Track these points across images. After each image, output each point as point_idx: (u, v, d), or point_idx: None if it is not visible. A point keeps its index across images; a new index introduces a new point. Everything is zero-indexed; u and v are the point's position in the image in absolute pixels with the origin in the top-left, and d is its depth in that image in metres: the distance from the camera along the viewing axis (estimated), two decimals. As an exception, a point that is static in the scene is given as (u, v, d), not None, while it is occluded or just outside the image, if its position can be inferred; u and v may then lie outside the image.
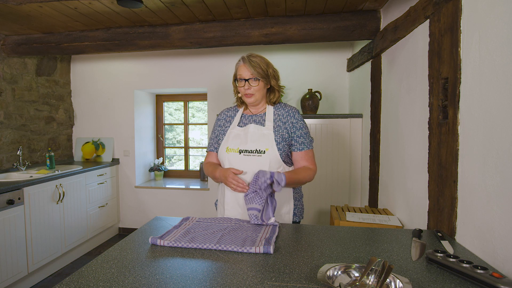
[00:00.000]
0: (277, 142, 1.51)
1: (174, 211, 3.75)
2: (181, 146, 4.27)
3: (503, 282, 0.86)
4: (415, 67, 1.78)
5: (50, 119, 3.62)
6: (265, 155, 1.49)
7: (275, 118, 1.56)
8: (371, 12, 2.42)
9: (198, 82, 3.66)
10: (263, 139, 1.52)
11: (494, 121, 1.09)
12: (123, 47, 2.86)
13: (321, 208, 2.97)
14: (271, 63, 1.59)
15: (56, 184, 2.84)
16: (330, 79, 3.41)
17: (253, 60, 1.52)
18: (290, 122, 1.55)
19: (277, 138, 1.52)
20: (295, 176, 1.48)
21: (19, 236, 2.46)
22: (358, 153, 2.89)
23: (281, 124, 1.54)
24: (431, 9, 1.53)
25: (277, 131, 1.53)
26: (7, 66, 3.10)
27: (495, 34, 1.10)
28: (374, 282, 0.90)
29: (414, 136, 1.77)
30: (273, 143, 1.50)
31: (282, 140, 1.52)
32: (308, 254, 1.13)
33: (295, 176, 1.47)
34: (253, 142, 1.52)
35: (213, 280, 0.94)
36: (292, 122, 1.54)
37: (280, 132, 1.53)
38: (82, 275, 0.98)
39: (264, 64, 1.54)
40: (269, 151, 1.49)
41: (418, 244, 1.05)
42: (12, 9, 2.40)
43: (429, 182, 1.55)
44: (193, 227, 1.39)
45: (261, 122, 1.58)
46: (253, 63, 1.51)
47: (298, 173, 1.50)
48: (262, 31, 2.57)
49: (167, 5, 2.35)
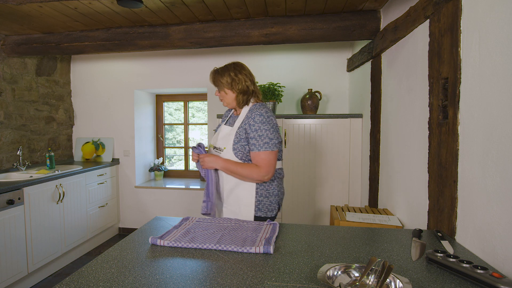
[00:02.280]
0: (234, 142, 1.66)
1: (174, 211, 3.75)
2: (181, 146, 4.27)
3: (503, 282, 0.86)
4: (415, 67, 1.78)
5: (50, 119, 3.62)
6: (223, 152, 1.68)
7: (244, 119, 1.68)
8: (371, 12, 2.42)
9: (198, 82, 3.66)
10: (226, 138, 1.70)
11: (494, 121, 1.09)
12: (123, 47, 2.86)
13: (321, 208, 2.97)
14: (229, 72, 1.70)
15: (56, 184, 2.84)
16: (330, 79, 3.41)
17: (211, 76, 1.75)
18: (248, 123, 1.64)
19: (235, 138, 1.66)
20: (233, 166, 1.63)
21: (19, 236, 2.46)
22: (358, 153, 2.89)
23: (243, 125, 1.66)
24: (431, 9, 1.53)
25: (238, 132, 1.66)
26: (7, 66, 3.10)
27: (495, 34, 1.10)
28: (374, 282, 0.90)
29: (414, 136, 1.77)
30: (231, 143, 1.66)
31: (239, 140, 1.65)
32: (308, 254, 1.13)
33: (232, 166, 1.63)
34: (220, 140, 1.74)
35: (213, 280, 0.94)
36: (249, 124, 1.64)
37: (239, 133, 1.66)
38: (82, 275, 0.98)
39: (219, 76, 1.71)
40: (226, 149, 1.68)
41: (418, 244, 1.05)
42: (12, 9, 2.40)
43: (429, 182, 1.55)
44: (193, 227, 1.39)
45: (233, 123, 1.76)
46: (212, 79, 1.75)
47: (238, 165, 1.63)
48: (262, 31, 2.57)
49: (167, 5, 2.35)
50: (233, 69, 1.71)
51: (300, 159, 2.97)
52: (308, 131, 2.96)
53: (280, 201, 1.75)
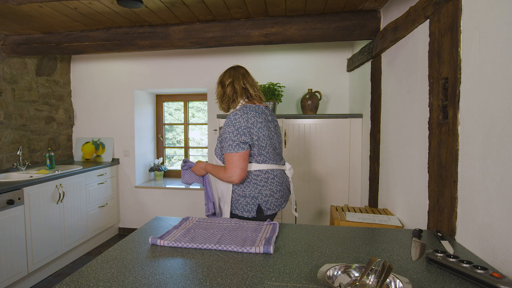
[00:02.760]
0: (216, 145, 1.80)
1: (174, 211, 3.75)
2: (181, 146, 4.27)
3: (503, 282, 0.86)
4: (415, 67, 1.78)
5: (50, 119, 3.62)
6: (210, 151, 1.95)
7: None
8: (371, 12, 2.42)
9: (198, 82, 3.66)
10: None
11: (494, 121, 1.09)
12: (123, 47, 2.86)
13: (321, 208, 2.97)
14: (223, 77, 1.85)
15: (56, 184, 2.84)
16: (330, 79, 3.41)
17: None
18: (223, 126, 1.73)
19: (217, 141, 1.80)
20: (210, 168, 1.80)
21: (19, 236, 2.46)
22: (358, 153, 2.89)
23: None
24: (431, 9, 1.53)
25: (219, 135, 1.80)
26: (7, 66, 3.10)
27: (495, 34, 1.10)
28: (374, 282, 0.90)
29: (414, 136, 1.77)
30: (214, 143, 1.87)
31: (217, 144, 1.79)
32: (308, 254, 1.13)
33: (209, 169, 1.80)
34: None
35: (213, 280, 0.94)
36: (222, 126, 1.76)
37: (218, 136, 1.78)
38: (82, 275, 0.98)
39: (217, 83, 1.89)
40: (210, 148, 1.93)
41: (418, 244, 1.05)
42: (12, 9, 2.40)
43: (429, 182, 1.55)
44: (193, 227, 1.39)
45: None
46: None
47: (213, 167, 1.77)
48: (262, 31, 2.57)
49: (167, 5, 2.35)
50: (221, 77, 1.86)
51: (300, 159, 2.97)
52: (308, 131, 2.96)
53: (265, 204, 1.68)
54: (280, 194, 1.74)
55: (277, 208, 1.74)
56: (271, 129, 1.75)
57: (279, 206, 1.75)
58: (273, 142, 1.76)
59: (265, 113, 1.76)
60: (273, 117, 1.85)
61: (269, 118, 1.78)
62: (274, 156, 1.74)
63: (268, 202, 1.70)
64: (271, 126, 1.77)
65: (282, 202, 1.77)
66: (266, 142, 1.69)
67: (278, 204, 1.74)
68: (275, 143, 1.79)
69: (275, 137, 1.78)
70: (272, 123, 1.79)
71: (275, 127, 1.83)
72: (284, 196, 1.79)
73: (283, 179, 1.78)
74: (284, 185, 1.79)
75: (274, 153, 1.75)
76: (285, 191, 1.80)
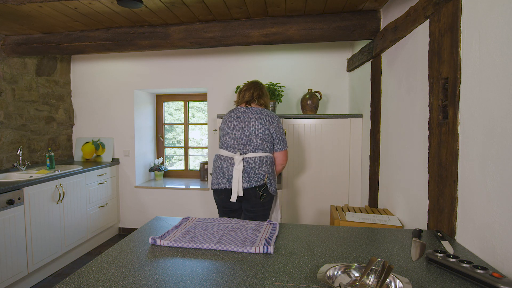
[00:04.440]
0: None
1: (174, 211, 3.75)
2: (181, 146, 4.27)
3: (503, 282, 0.86)
4: (415, 67, 1.78)
5: (50, 119, 3.62)
6: None
7: None
8: (371, 12, 2.42)
9: (198, 82, 3.66)
10: None
11: (494, 121, 1.09)
12: (123, 47, 2.86)
13: (321, 208, 2.97)
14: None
15: (56, 184, 2.84)
16: (330, 79, 3.41)
17: None
18: None
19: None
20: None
21: (19, 236, 2.46)
22: (358, 153, 2.89)
23: None
24: (431, 9, 1.53)
25: None
26: (7, 66, 3.10)
27: (495, 34, 1.10)
28: (374, 282, 0.90)
29: (414, 136, 1.77)
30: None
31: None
32: (308, 254, 1.13)
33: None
34: None
35: (213, 280, 0.94)
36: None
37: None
38: (82, 275, 0.98)
39: None
40: None
41: (418, 244, 1.05)
42: (12, 9, 2.40)
43: (429, 182, 1.55)
44: (193, 227, 1.39)
45: None
46: None
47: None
48: (262, 31, 2.57)
49: (167, 5, 2.35)
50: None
51: (300, 159, 2.97)
52: (308, 131, 2.96)
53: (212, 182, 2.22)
54: (216, 176, 2.21)
55: (214, 185, 2.21)
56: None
57: (215, 185, 2.20)
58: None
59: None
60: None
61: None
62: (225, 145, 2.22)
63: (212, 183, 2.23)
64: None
65: (218, 183, 2.18)
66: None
67: (215, 183, 2.20)
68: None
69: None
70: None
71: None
72: (220, 177, 2.19)
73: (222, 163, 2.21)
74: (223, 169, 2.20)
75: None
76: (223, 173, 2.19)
